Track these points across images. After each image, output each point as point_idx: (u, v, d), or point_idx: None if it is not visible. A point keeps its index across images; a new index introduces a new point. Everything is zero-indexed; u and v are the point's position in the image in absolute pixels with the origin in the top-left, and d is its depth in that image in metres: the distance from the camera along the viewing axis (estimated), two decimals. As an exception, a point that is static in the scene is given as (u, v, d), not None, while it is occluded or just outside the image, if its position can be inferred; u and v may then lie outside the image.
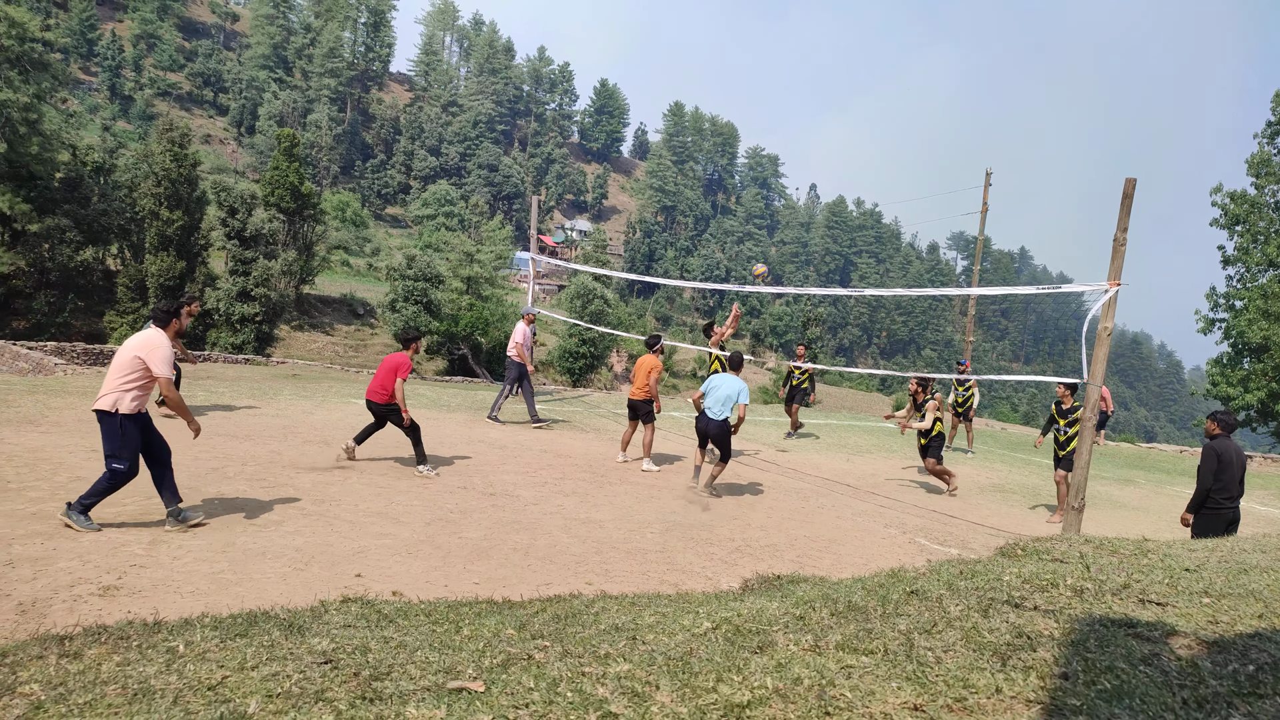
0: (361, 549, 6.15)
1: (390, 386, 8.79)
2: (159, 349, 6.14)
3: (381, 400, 8.85)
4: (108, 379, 6.06)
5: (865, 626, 3.28)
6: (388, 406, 8.86)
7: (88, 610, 4.48)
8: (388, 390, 8.81)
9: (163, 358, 6.12)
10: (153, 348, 6.13)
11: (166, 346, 6.21)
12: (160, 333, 6.28)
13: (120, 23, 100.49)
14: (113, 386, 6.00)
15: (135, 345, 6.14)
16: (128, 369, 6.04)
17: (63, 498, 6.56)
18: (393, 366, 8.85)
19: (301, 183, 44.99)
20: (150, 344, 6.15)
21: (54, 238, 33.75)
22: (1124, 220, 7.94)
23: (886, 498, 10.93)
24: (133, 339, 6.24)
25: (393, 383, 8.78)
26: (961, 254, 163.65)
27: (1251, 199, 30.80)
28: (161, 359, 6.11)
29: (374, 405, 8.95)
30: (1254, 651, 2.86)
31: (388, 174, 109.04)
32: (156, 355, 6.10)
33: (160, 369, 6.10)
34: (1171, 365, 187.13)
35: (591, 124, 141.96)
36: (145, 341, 6.16)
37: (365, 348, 46.88)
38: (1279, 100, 30.57)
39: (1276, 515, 12.48)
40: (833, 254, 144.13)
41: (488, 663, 3.00)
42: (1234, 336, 30.50)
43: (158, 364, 6.09)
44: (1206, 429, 7.86)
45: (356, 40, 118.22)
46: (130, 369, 6.05)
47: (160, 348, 6.15)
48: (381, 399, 8.85)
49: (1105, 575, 4.04)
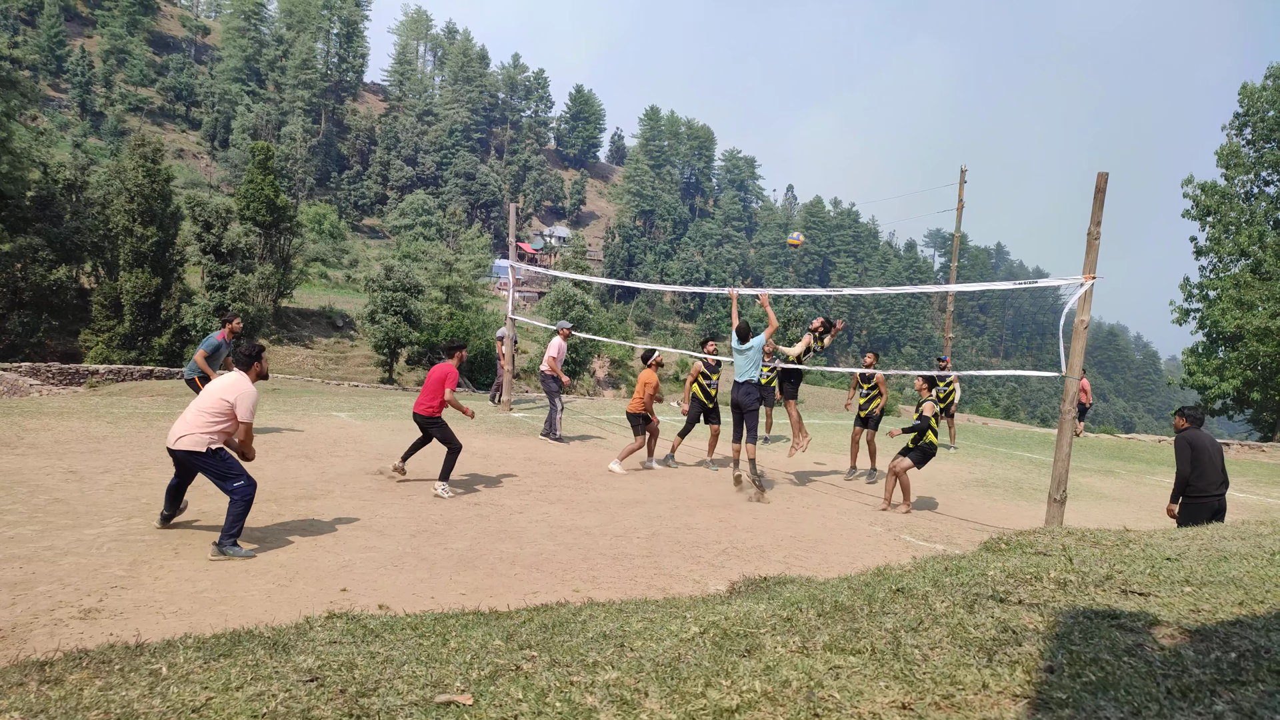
0: (346, 563, 6.11)
1: (439, 400, 8.71)
2: (248, 395, 6.31)
3: (428, 414, 8.75)
4: (191, 418, 6.18)
5: (852, 626, 3.29)
6: (433, 420, 8.76)
7: (69, 634, 4.42)
8: (436, 403, 8.72)
9: (250, 405, 6.30)
10: (241, 393, 6.29)
11: (254, 393, 6.37)
12: (245, 377, 6.42)
13: (89, 38, 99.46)
14: (200, 426, 6.15)
15: (222, 389, 6.28)
16: (214, 410, 6.20)
17: (41, 520, 6.49)
18: (440, 378, 8.76)
19: (277, 195, 44.73)
20: (238, 388, 6.30)
21: (26, 257, 33.36)
22: (1097, 214, 8.02)
23: (872, 496, 10.97)
24: (219, 382, 6.39)
25: (441, 396, 8.70)
26: (939, 251, 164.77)
27: (1222, 190, 31.25)
28: (249, 406, 6.29)
29: (421, 419, 8.84)
30: (1235, 639, 2.89)
31: (364, 185, 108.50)
32: (246, 401, 6.28)
33: (245, 414, 6.26)
34: (1148, 356, 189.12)
35: (568, 130, 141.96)
36: (233, 385, 6.31)
37: (345, 360, 46.59)
38: (1245, 93, 31.03)
39: (1255, 502, 12.62)
40: (811, 254, 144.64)
41: (475, 675, 2.98)
42: (1208, 326, 30.92)
43: (244, 410, 6.26)
44: (1175, 425, 8.05)
45: (329, 51, 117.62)
46: (217, 411, 6.21)
47: (249, 395, 6.32)
48: (429, 412, 8.74)
49: (1088, 567, 4.07)
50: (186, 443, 6.12)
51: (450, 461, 8.70)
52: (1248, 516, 8.43)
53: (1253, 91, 30.81)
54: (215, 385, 6.35)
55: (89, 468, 8.44)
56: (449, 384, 8.73)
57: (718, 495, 9.89)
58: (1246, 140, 31.32)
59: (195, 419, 6.17)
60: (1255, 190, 31.44)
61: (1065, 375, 8.18)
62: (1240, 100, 31.22)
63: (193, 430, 6.14)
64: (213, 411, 6.19)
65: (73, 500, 7.17)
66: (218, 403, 6.21)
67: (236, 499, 6.10)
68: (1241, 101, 31.18)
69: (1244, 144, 31.34)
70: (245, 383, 6.36)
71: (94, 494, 7.45)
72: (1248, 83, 31.08)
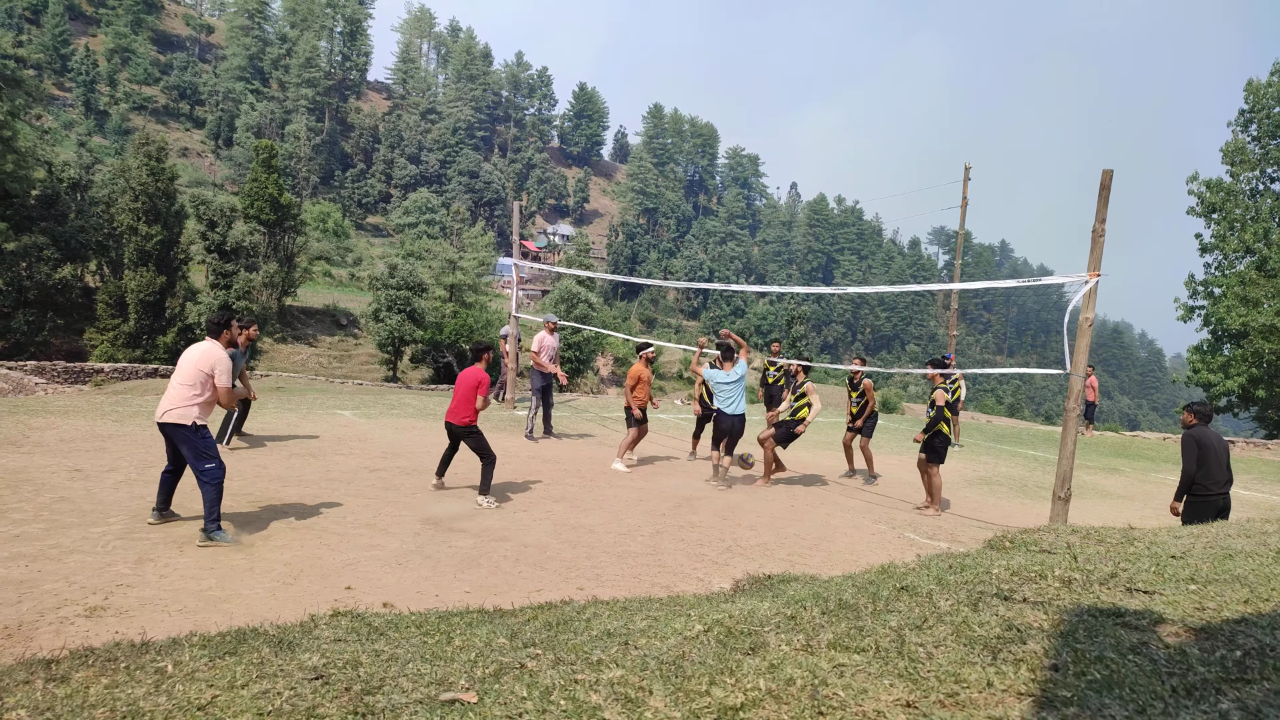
0: (351, 561, 6.12)
1: (472, 407, 8.46)
2: (221, 360, 6.45)
3: (461, 423, 8.51)
4: (175, 392, 6.36)
5: (856, 624, 3.28)
6: (468, 429, 8.51)
7: (74, 632, 4.43)
8: (470, 411, 8.49)
9: (225, 369, 6.43)
10: (217, 360, 6.44)
11: (226, 358, 6.50)
12: (217, 344, 6.56)
13: (94, 37, 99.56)
14: (183, 400, 6.33)
15: (198, 359, 6.42)
16: (193, 381, 6.36)
17: (47, 519, 6.51)
18: (474, 385, 8.46)
19: (281, 194, 44.74)
20: (212, 356, 6.45)
21: (31, 256, 33.43)
22: (1102, 211, 8.00)
23: (875, 494, 10.96)
24: (193, 352, 6.51)
25: (473, 403, 8.45)
26: (943, 249, 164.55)
27: (1227, 187, 31.12)
28: (224, 370, 6.43)
29: (454, 428, 8.57)
30: (1241, 637, 2.88)
31: (368, 183, 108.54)
32: (222, 367, 6.43)
33: (223, 379, 6.41)
34: (1153, 353, 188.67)
35: (571, 128, 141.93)
36: (207, 354, 6.44)
37: (349, 358, 46.63)
38: (1251, 89, 30.91)
39: (1260, 499, 12.60)
40: (815, 252, 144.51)
41: (480, 673, 2.99)
42: (1213, 323, 30.79)
43: (223, 377, 6.41)
44: (1183, 420, 7.98)
45: (333, 50, 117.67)
46: (196, 381, 6.36)
47: (224, 360, 6.46)
48: (465, 422, 8.50)
49: (1093, 565, 4.07)
50: (173, 416, 6.30)
51: (488, 473, 8.47)
52: (1253, 514, 8.42)
53: (1258, 88, 30.67)
54: (190, 356, 6.48)
55: (94, 466, 8.46)
56: (481, 390, 8.45)
57: (721, 493, 9.89)
58: (1252, 137, 31.17)
59: (178, 393, 6.35)
60: (1261, 187, 31.30)
61: (1070, 373, 8.17)
62: (1246, 97, 31.09)
63: (177, 404, 6.32)
64: (192, 383, 6.36)
65: (78, 498, 7.19)
66: (195, 373, 6.36)
67: (206, 481, 6.23)
68: (1247, 98, 31.05)
69: (1249, 140, 31.20)
70: (218, 350, 6.51)
71: (99, 492, 7.47)
72: (1253, 79, 30.94)
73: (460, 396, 8.51)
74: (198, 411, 6.35)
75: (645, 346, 11.41)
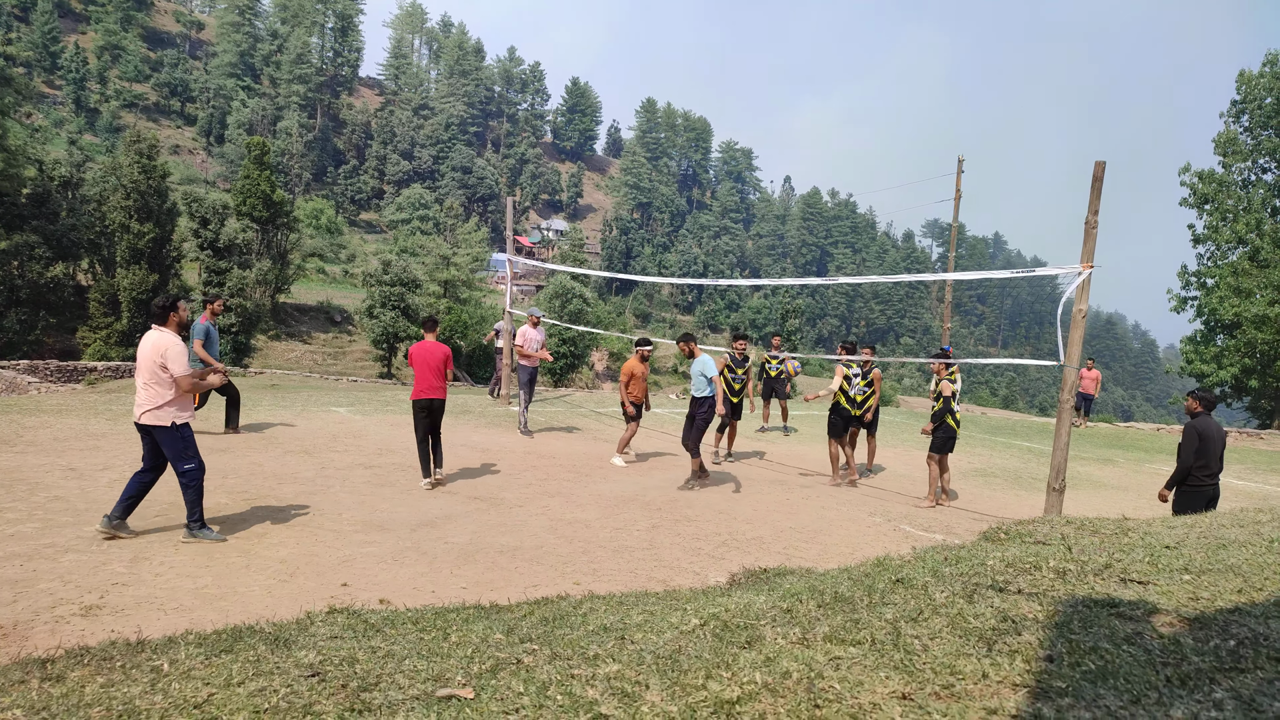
0: (347, 558, 6.11)
1: (444, 380, 8.91)
2: (172, 346, 6.18)
3: (443, 396, 8.94)
4: (144, 392, 6.13)
5: (852, 617, 3.29)
6: (443, 401, 8.96)
7: (70, 631, 4.43)
8: (443, 383, 8.92)
9: (177, 355, 6.16)
10: (168, 348, 6.17)
11: (178, 344, 6.24)
12: (166, 331, 6.29)
13: (83, 34, 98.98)
14: (155, 400, 6.12)
15: (151, 353, 6.16)
16: (157, 379, 6.13)
17: (41, 518, 6.49)
18: (443, 359, 8.89)
19: (273, 191, 44.61)
20: (162, 345, 6.18)
21: (23, 254, 33.27)
22: (1094, 203, 8.01)
23: (870, 486, 10.98)
24: (145, 345, 6.23)
25: (445, 377, 8.91)
26: (936, 241, 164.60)
27: (1219, 178, 31.21)
28: (176, 356, 6.16)
29: (436, 403, 8.87)
30: (1234, 626, 2.90)
31: (361, 179, 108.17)
32: (175, 353, 6.16)
33: (177, 367, 6.14)
34: (1146, 344, 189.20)
35: (564, 123, 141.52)
36: (157, 344, 6.19)
37: (344, 355, 46.56)
38: (1243, 80, 30.97)
39: (1253, 489, 12.65)
40: (809, 245, 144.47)
41: (476, 668, 2.99)
42: (1206, 314, 30.91)
43: (177, 365, 6.14)
44: (1187, 406, 7.93)
45: (324, 46, 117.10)
46: (160, 378, 6.14)
47: (176, 346, 6.20)
48: (443, 394, 8.94)
49: (1087, 556, 4.08)
50: (149, 417, 6.13)
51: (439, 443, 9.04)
52: (1246, 504, 8.44)
53: (1250, 79, 30.75)
54: (144, 350, 6.21)
55: (88, 465, 8.44)
56: (449, 364, 8.95)
57: (717, 487, 9.90)
58: (1244, 127, 31.26)
59: (147, 393, 6.14)
60: (1253, 178, 31.40)
61: (1064, 364, 8.19)
62: (1238, 87, 31.17)
63: (150, 404, 6.13)
64: (158, 380, 6.13)
65: (73, 497, 7.17)
66: (155, 370, 6.13)
67: (186, 482, 6.16)
68: (1239, 88, 31.12)
69: (1241, 131, 31.30)
70: (168, 336, 6.24)
71: (94, 491, 7.45)
72: (1245, 70, 31.02)
73: (434, 371, 8.82)
74: (174, 410, 6.17)
75: (645, 344, 11.25)
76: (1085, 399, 19.92)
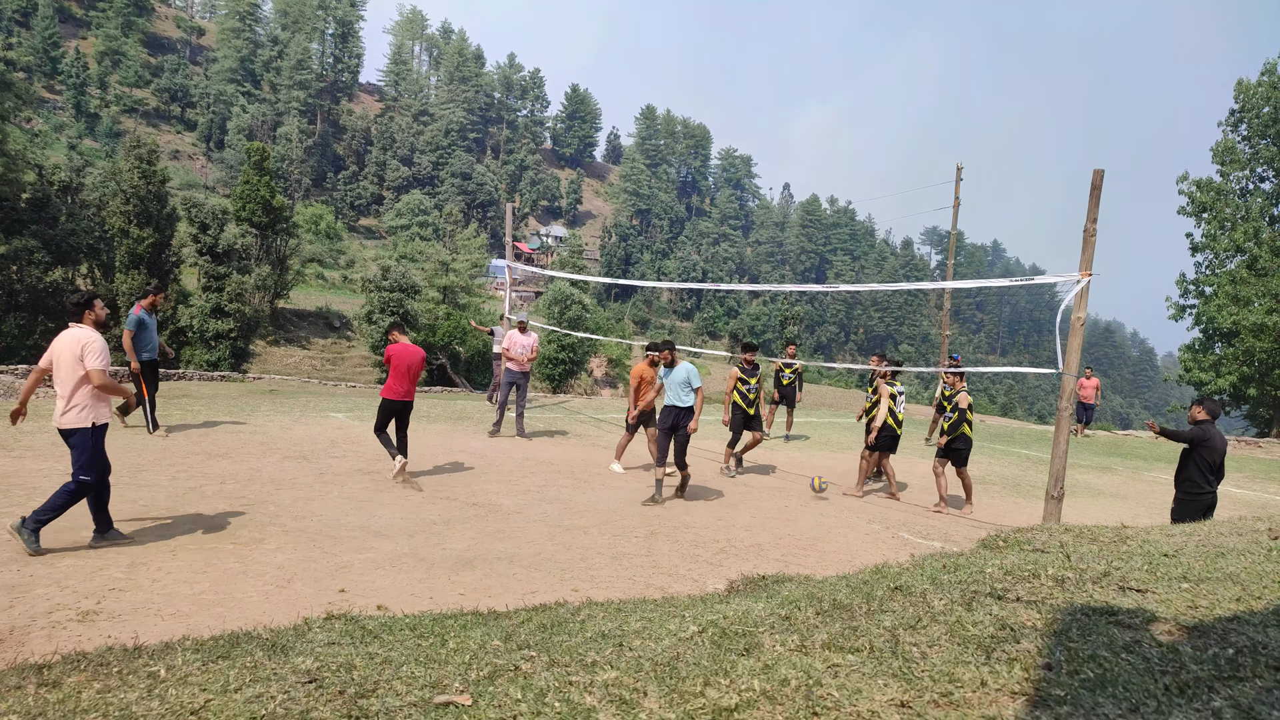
0: (344, 564, 6.10)
1: (416, 382, 9.29)
2: (91, 342, 6.02)
3: (413, 397, 9.36)
4: (66, 394, 5.94)
5: (851, 624, 3.29)
6: (412, 403, 9.40)
7: (67, 637, 4.41)
8: (415, 385, 9.32)
9: (95, 351, 6.00)
10: (85, 343, 6.00)
11: (96, 340, 6.08)
12: (83, 327, 6.14)
13: (84, 40, 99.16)
14: (78, 401, 5.93)
15: (69, 349, 5.99)
16: (76, 377, 5.94)
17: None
18: (419, 360, 9.26)
19: (273, 196, 44.63)
20: (80, 340, 6.01)
21: (22, 259, 33.22)
22: (1093, 211, 8.03)
23: (869, 494, 10.97)
24: (60, 342, 6.05)
25: (418, 379, 9.30)
26: (935, 249, 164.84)
27: (1217, 186, 31.27)
28: (94, 352, 5.99)
29: (409, 405, 9.33)
30: (1233, 635, 2.90)
31: (360, 185, 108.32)
32: (92, 347, 6.00)
33: (92, 362, 5.96)
34: (1144, 352, 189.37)
35: (564, 130, 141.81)
36: (75, 340, 6.01)
37: (343, 360, 46.53)
38: (1241, 89, 31.06)
39: (1251, 498, 12.65)
40: (808, 253, 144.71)
41: (474, 675, 2.98)
42: (1204, 322, 30.94)
43: (93, 358, 5.98)
44: (1192, 414, 7.92)
45: (325, 52, 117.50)
46: (78, 375, 5.95)
47: (94, 341, 6.05)
48: (413, 396, 9.36)
49: (1086, 564, 4.08)
50: (69, 420, 5.95)
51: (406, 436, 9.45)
52: (1244, 512, 8.44)
53: (1248, 88, 30.83)
54: (64, 347, 6.02)
55: (86, 470, 8.41)
56: (421, 366, 9.31)
57: (715, 494, 9.89)
58: (1242, 136, 31.32)
59: (70, 396, 5.94)
60: (1251, 186, 31.46)
61: (1063, 372, 8.20)
62: (1236, 96, 31.24)
63: (72, 405, 5.93)
64: (77, 378, 5.95)
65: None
66: (74, 367, 5.94)
67: (72, 488, 5.91)
68: (1237, 98, 31.20)
69: (1239, 140, 31.36)
70: (86, 332, 6.08)
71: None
72: (1243, 79, 31.09)
73: (412, 375, 9.23)
74: (92, 413, 5.97)
75: (656, 348, 10.37)
76: (1086, 408, 19.82)
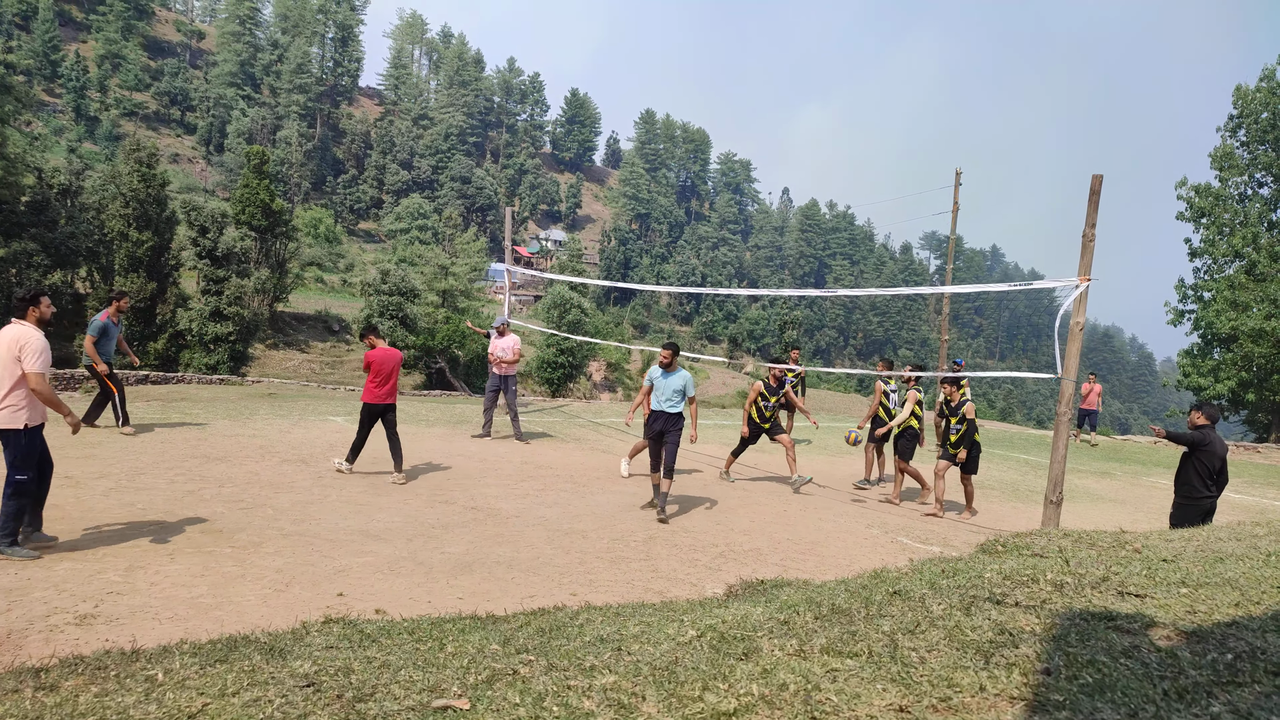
0: (343, 568, 6.09)
1: (395, 384, 9.49)
2: (30, 342, 5.78)
3: (395, 399, 9.54)
4: (0, 394, 5.72)
5: (849, 629, 3.29)
6: (394, 404, 9.57)
7: (64, 640, 4.40)
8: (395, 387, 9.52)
9: (34, 351, 5.77)
10: (25, 342, 5.77)
11: (39, 338, 5.88)
12: (25, 325, 5.92)
13: (84, 43, 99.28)
14: (12, 401, 5.71)
15: (7, 347, 5.74)
16: (11, 376, 5.71)
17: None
18: (398, 362, 9.46)
19: (272, 200, 44.69)
20: (20, 339, 5.77)
21: (21, 262, 33.23)
22: (1092, 216, 8.05)
23: (868, 498, 10.97)
24: (2, 337, 5.79)
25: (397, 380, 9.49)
26: (934, 254, 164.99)
27: (1216, 192, 31.33)
28: (33, 353, 5.76)
29: (391, 407, 9.48)
30: (1232, 640, 2.89)
31: (360, 189, 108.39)
32: (31, 347, 5.77)
33: (32, 363, 5.75)
34: (1143, 357, 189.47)
35: (563, 134, 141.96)
36: (15, 339, 5.78)
37: (342, 364, 46.54)
38: (1239, 95, 31.13)
39: (1250, 503, 12.65)
40: (807, 257, 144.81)
41: (472, 679, 2.98)
42: (1203, 327, 30.98)
43: (31, 359, 5.75)
44: (1191, 420, 7.90)
45: (324, 56, 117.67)
46: (13, 374, 5.72)
47: (34, 341, 5.81)
48: (395, 398, 9.53)
49: (1084, 569, 4.08)
50: (3, 419, 5.70)
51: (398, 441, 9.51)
52: (1243, 518, 8.44)
53: (1246, 93, 30.90)
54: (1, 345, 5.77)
55: (84, 473, 8.41)
56: (399, 368, 9.54)
57: (714, 498, 9.88)
58: (1240, 142, 31.40)
59: (3, 396, 5.71)
60: (1249, 192, 31.53)
61: (1062, 377, 8.20)
62: (1234, 102, 31.32)
63: (5, 405, 5.70)
64: (13, 378, 5.71)
65: (68, 506, 7.14)
66: (10, 366, 5.71)
67: (11, 494, 5.71)
68: (1236, 103, 31.28)
69: (1238, 146, 31.43)
70: (27, 330, 5.83)
71: (89, 499, 7.42)
72: (1241, 85, 31.18)
73: (392, 377, 9.40)
74: (26, 414, 5.74)
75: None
76: (1088, 414, 19.61)
